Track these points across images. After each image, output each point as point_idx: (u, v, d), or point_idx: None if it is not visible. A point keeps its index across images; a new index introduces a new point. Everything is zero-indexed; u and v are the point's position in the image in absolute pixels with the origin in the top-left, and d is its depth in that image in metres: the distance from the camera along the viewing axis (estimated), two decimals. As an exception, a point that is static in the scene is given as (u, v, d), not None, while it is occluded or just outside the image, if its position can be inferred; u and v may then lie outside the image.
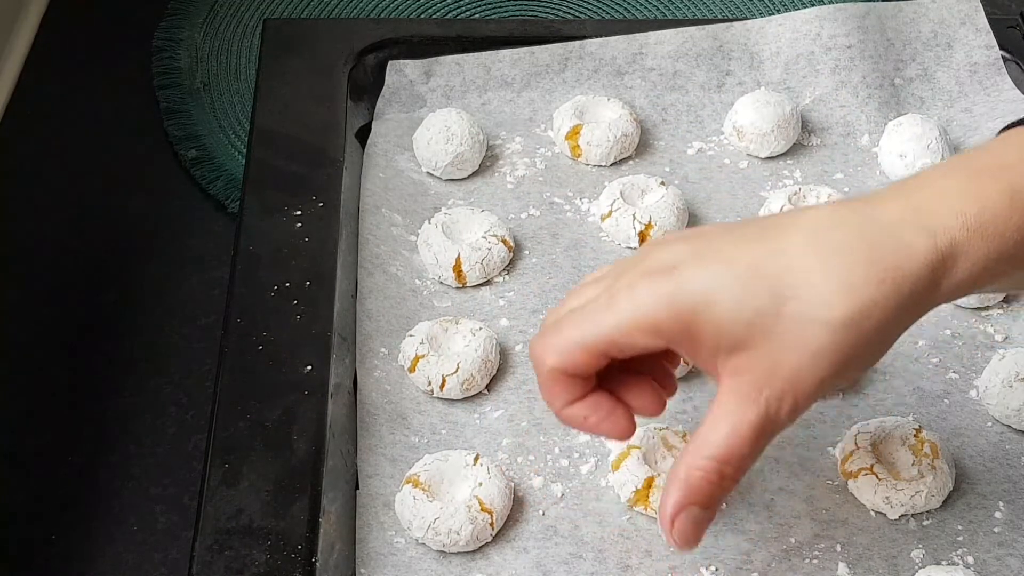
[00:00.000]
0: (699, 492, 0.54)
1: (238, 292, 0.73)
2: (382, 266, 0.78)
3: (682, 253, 0.55)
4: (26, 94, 0.99)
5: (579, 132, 0.86)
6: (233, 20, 1.07)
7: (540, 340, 0.58)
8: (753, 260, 0.53)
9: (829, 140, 0.89)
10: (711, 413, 0.54)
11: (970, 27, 0.91)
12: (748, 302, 0.52)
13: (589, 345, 0.56)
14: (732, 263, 0.53)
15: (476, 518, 0.64)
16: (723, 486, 0.54)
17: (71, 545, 0.73)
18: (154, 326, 0.85)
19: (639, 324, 0.54)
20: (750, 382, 0.53)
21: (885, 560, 0.65)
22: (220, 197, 0.92)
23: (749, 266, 0.53)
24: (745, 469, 0.55)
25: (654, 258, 0.56)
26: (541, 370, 0.58)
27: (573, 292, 0.60)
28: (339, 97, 0.86)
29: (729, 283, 0.53)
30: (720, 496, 0.55)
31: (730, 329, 0.53)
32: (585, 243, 0.82)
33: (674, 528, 0.55)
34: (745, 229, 0.56)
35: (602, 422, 0.58)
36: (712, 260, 0.54)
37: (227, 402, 0.68)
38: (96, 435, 0.78)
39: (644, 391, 0.60)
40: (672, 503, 0.55)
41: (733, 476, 0.54)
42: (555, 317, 0.58)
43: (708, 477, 0.54)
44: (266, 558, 0.61)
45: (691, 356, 0.56)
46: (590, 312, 0.56)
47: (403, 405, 0.72)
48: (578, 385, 0.58)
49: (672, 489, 0.55)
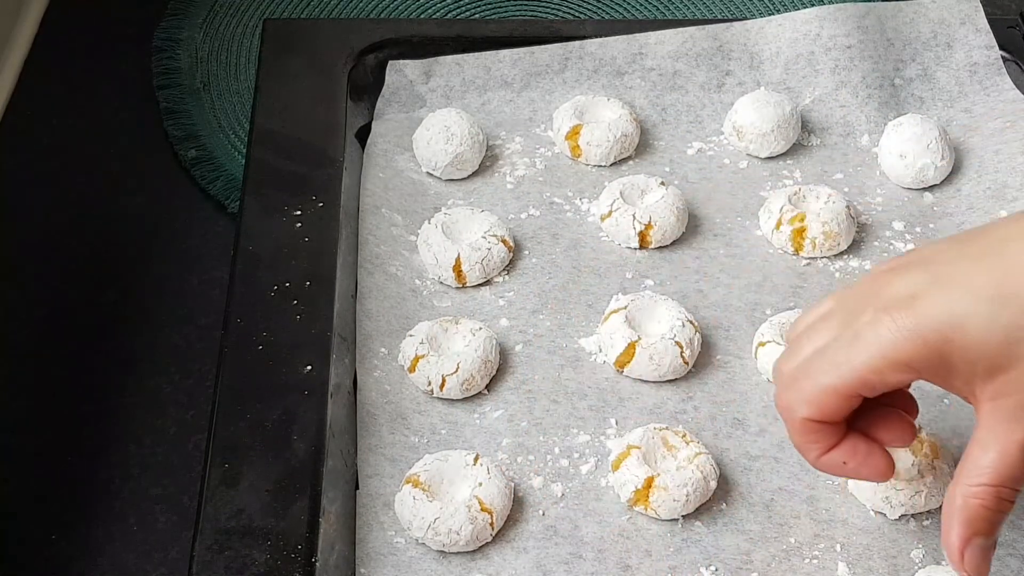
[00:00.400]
0: (980, 520, 0.55)
1: (238, 292, 0.73)
2: (382, 266, 0.78)
3: (918, 282, 0.55)
4: (26, 94, 0.99)
5: (579, 132, 0.86)
6: (233, 20, 1.07)
7: (786, 392, 0.58)
8: (992, 279, 0.53)
9: (829, 140, 0.89)
10: (977, 439, 0.55)
11: (970, 27, 0.91)
12: (998, 323, 0.53)
13: (841, 389, 0.56)
14: (972, 286, 0.53)
15: (476, 518, 0.64)
16: (1002, 509, 0.55)
17: (71, 545, 0.73)
18: (154, 326, 0.85)
19: (891, 361, 0.54)
20: (1013, 403, 0.53)
21: (885, 560, 0.65)
22: (220, 197, 0.92)
23: (990, 286, 0.53)
24: (1020, 489, 0.55)
25: (890, 290, 0.55)
26: (794, 423, 0.58)
27: (800, 334, 0.59)
28: (339, 97, 0.86)
29: (975, 307, 0.53)
30: (1002, 520, 0.55)
31: (984, 353, 0.53)
32: (585, 243, 0.82)
33: (964, 562, 0.55)
34: (969, 247, 0.56)
35: (862, 465, 0.59)
36: (951, 286, 0.54)
37: (227, 402, 0.68)
38: (96, 435, 0.78)
39: (892, 423, 0.60)
40: (957, 537, 0.55)
41: (1010, 498, 0.55)
42: (791, 365, 0.58)
43: (986, 503, 0.54)
44: (266, 558, 0.61)
45: (945, 385, 0.56)
46: (835, 355, 0.56)
47: (403, 405, 0.72)
48: (832, 432, 0.58)
49: (953, 522, 0.55)
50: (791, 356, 0.59)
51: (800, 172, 0.87)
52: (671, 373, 0.73)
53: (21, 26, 1.03)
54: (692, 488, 0.66)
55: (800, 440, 0.58)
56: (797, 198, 0.82)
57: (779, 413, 0.59)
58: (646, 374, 0.73)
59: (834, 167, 0.87)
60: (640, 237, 0.80)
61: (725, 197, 0.85)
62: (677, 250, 0.81)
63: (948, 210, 0.84)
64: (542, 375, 0.74)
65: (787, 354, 0.59)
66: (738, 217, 0.84)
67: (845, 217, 0.80)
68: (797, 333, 0.60)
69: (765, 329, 0.74)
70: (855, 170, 0.87)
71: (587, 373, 0.74)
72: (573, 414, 0.72)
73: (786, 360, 0.59)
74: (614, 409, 0.72)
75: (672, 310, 0.74)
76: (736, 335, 0.76)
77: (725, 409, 0.72)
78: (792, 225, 0.80)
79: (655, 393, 0.73)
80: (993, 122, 0.88)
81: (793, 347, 0.59)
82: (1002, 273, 0.53)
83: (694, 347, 0.73)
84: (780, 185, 0.86)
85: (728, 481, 0.69)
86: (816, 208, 0.81)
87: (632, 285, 0.79)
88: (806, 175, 0.87)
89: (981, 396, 0.54)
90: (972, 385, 0.54)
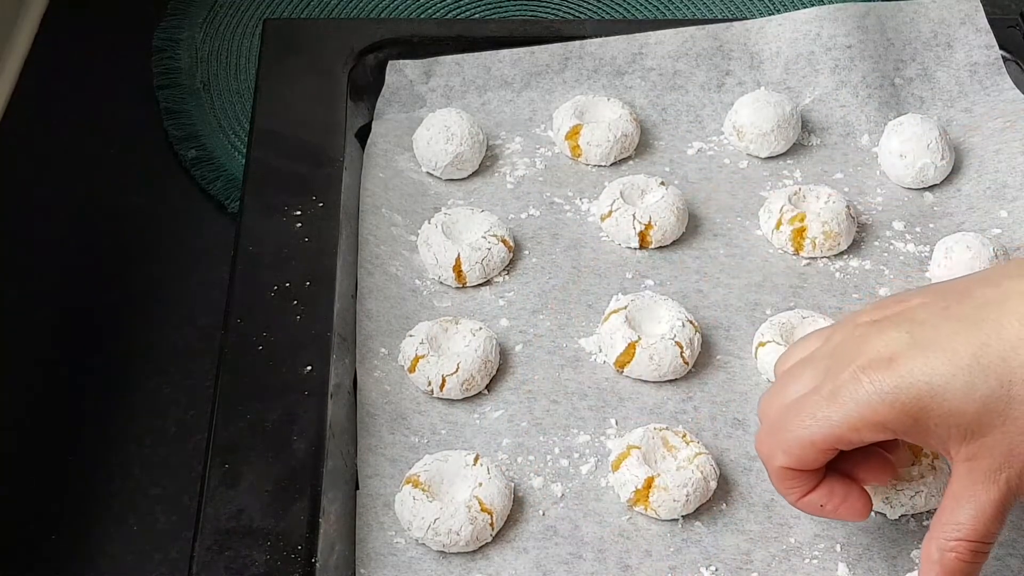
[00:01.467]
0: (957, 572, 0.57)
1: (238, 292, 0.73)
2: (382, 266, 0.78)
3: (898, 342, 0.56)
4: (26, 94, 0.99)
5: (579, 132, 0.86)
6: (233, 20, 1.07)
7: (766, 438, 0.60)
8: (974, 349, 0.54)
9: (829, 140, 0.89)
10: (951, 495, 0.57)
11: (970, 27, 0.91)
12: (976, 391, 0.54)
13: (818, 443, 0.58)
14: (953, 354, 0.54)
15: (476, 518, 0.64)
16: (977, 561, 0.57)
17: (71, 545, 0.73)
18: (154, 326, 0.85)
19: (867, 422, 0.56)
20: (987, 466, 0.55)
21: (885, 560, 0.65)
22: (220, 197, 0.92)
23: (971, 355, 0.54)
24: (994, 542, 0.57)
25: (870, 348, 0.57)
26: (771, 468, 0.60)
27: (785, 375, 0.61)
28: (339, 97, 0.86)
29: (953, 374, 0.54)
30: (977, 571, 0.57)
31: (959, 419, 0.54)
32: (585, 243, 0.81)
33: None
34: (952, 309, 0.57)
35: (839, 508, 0.61)
36: (931, 350, 0.55)
37: (227, 402, 0.68)
38: (96, 435, 0.78)
39: (872, 463, 0.62)
40: None
41: (984, 551, 0.57)
42: (774, 407, 0.60)
43: (962, 557, 0.56)
44: (266, 558, 0.61)
45: (920, 443, 0.59)
46: (815, 409, 0.57)
47: (403, 405, 0.72)
48: (809, 478, 0.60)
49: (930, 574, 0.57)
50: (775, 395, 0.61)
51: (800, 172, 0.87)
52: (671, 373, 0.73)
53: (21, 26, 1.03)
54: (692, 488, 0.66)
55: (780, 484, 0.61)
56: (797, 198, 0.82)
57: (759, 456, 0.61)
58: (646, 374, 0.73)
59: (834, 167, 0.87)
60: (640, 237, 0.80)
61: (725, 197, 0.85)
62: (677, 250, 0.81)
63: (948, 210, 0.84)
64: (542, 375, 0.74)
65: (772, 392, 0.62)
66: (738, 217, 0.84)
67: (845, 217, 0.80)
68: (783, 370, 0.62)
69: (765, 329, 0.74)
70: (855, 170, 0.87)
71: (587, 373, 0.74)
72: (573, 414, 0.72)
73: (770, 399, 0.61)
74: (614, 409, 0.72)
75: (672, 310, 0.74)
76: (736, 335, 0.76)
77: (725, 409, 0.72)
78: (792, 225, 0.80)
79: (655, 393, 0.73)
80: (993, 122, 0.88)
81: (778, 386, 0.61)
82: (981, 342, 0.54)
83: (694, 347, 0.73)
84: (780, 185, 0.86)
85: (728, 481, 0.69)
86: (816, 208, 0.81)
87: (632, 285, 0.79)
88: (806, 175, 0.87)
89: (956, 456, 0.56)
90: (947, 446, 0.56)
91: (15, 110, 0.98)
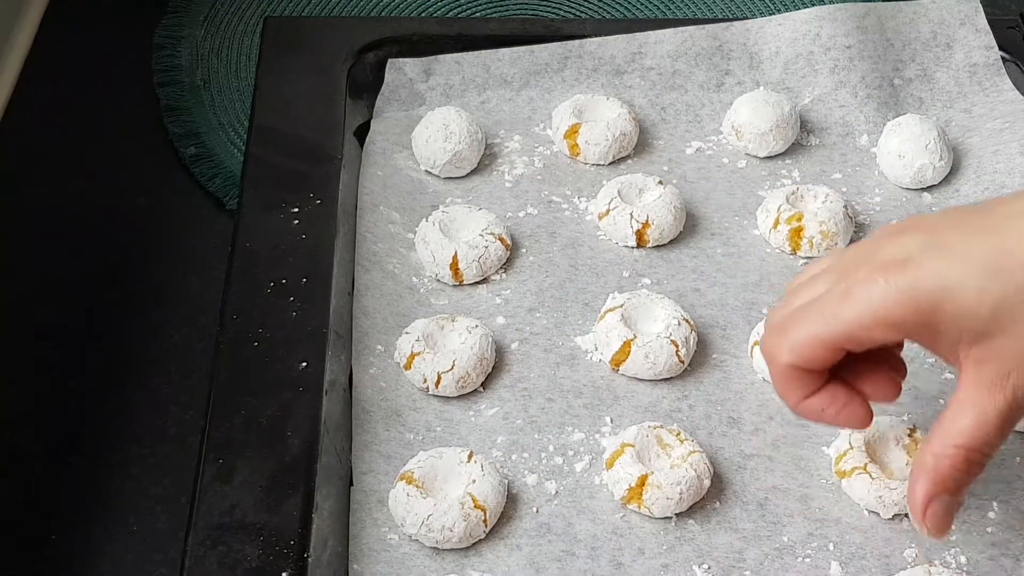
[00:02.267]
0: (949, 480, 0.56)
1: (235, 288, 0.74)
2: (379, 263, 0.78)
3: (914, 246, 0.56)
4: (26, 94, 1.00)
5: (578, 131, 0.86)
6: (234, 18, 1.07)
7: (772, 337, 0.59)
8: (989, 252, 0.54)
9: (828, 140, 0.89)
10: (956, 401, 0.56)
11: (970, 28, 0.91)
12: (989, 293, 0.53)
13: (827, 340, 0.57)
14: (968, 256, 0.54)
15: (469, 515, 0.64)
16: (971, 472, 0.56)
17: (71, 545, 0.73)
18: (154, 326, 0.85)
19: (878, 319, 0.55)
20: (995, 370, 0.54)
21: (878, 559, 0.65)
22: (219, 194, 0.92)
23: (985, 257, 0.54)
24: (991, 455, 0.56)
25: (886, 251, 0.56)
26: (777, 367, 0.59)
27: (797, 287, 0.60)
28: (338, 95, 0.86)
29: (968, 276, 0.54)
30: (969, 482, 0.56)
31: (972, 320, 0.54)
32: (582, 242, 0.82)
33: (927, 517, 0.56)
34: (971, 218, 0.57)
35: (839, 413, 0.60)
36: (947, 253, 0.55)
37: (222, 398, 0.68)
38: (96, 435, 0.78)
39: (878, 378, 0.61)
40: (922, 493, 0.56)
41: (980, 462, 0.56)
42: (781, 315, 0.59)
43: (956, 464, 0.55)
44: (259, 553, 0.61)
45: (929, 346, 0.57)
46: (825, 307, 0.57)
47: (398, 402, 0.72)
48: (813, 379, 0.59)
49: (920, 478, 0.56)
50: (780, 308, 0.60)
51: (799, 172, 0.87)
52: (666, 372, 0.73)
53: (21, 26, 1.03)
54: (686, 486, 0.66)
55: (781, 385, 0.60)
56: (795, 198, 0.82)
57: (763, 357, 0.60)
58: (641, 372, 0.73)
59: (833, 167, 0.87)
60: (637, 236, 0.80)
61: (723, 196, 0.85)
62: (674, 249, 0.81)
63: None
64: (538, 373, 0.74)
65: (777, 307, 0.61)
66: (736, 216, 0.84)
67: (842, 217, 0.80)
68: (793, 287, 0.61)
69: (761, 328, 0.74)
70: (854, 170, 0.87)
71: (582, 371, 0.74)
72: (568, 412, 0.72)
73: (778, 309, 0.60)
74: (609, 407, 0.72)
75: (668, 309, 0.74)
76: (732, 334, 0.76)
77: (720, 408, 0.72)
78: (789, 224, 0.80)
79: (650, 391, 0.73)
80: (992, 123, 0.88)
81: (787, 299, 0.60)
82: (998, 246, 0.54)
83: (690, 346, 0.73)
84: (778, 185, 0.86)
85: (722, 480, 0.69)
86: (813, 208, 0.81)
87: (629, 284, 0.79)
88: (804, 175, 0.87)
89: (965, 360, 0.55)
90: (956, 349, 0.55)
91: (15, 110, 0.98)
